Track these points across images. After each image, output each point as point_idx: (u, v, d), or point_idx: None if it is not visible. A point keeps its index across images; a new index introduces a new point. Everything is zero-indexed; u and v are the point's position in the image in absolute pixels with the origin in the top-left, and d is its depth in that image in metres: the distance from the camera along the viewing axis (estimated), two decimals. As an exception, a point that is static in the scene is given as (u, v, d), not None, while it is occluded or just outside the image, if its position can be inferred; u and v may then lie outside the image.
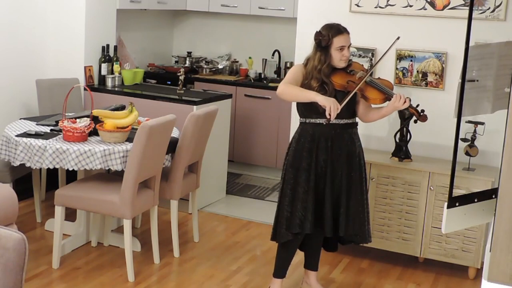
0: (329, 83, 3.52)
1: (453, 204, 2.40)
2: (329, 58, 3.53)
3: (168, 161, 4.31)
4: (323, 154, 3.56)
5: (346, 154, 3.59)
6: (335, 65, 3.56)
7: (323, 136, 3.56)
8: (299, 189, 3.56)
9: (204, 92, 5.60)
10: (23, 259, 2.21)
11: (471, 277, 4.25)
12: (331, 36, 3.51)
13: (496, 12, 4.17)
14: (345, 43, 3.54)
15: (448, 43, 4.35)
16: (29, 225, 4.73)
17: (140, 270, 4.12)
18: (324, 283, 4.07)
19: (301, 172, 3.56)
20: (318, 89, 3.50)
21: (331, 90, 3.52)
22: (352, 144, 3.62)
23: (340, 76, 3.56)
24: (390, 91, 3.59)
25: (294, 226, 3.57)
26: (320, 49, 3.54)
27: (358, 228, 3.63)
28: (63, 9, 5.39)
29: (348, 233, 3.63)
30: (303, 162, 3.56)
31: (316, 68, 3.52)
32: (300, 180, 3.56)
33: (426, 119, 3.73)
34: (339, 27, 3.56)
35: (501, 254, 1.95)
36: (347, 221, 3.59)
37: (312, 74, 3.53)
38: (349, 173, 3.60)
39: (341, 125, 3.58)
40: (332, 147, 3.56)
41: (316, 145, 3.56)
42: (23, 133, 4.12)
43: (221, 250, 4.56)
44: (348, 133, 3.62)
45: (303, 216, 3.55)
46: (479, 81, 2.77)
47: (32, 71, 5.32)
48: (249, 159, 6.33)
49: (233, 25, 6.85)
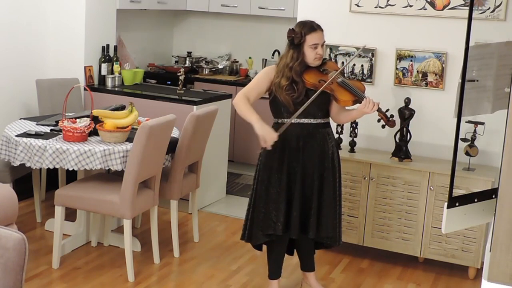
0: (300, 82, 3.47)
1: (453, 204, 2.40)
2: (302, 56, 3.49)
3: (168, 161, 4.31)
4: (294, 154, 3.52)
5: (319, 154, 3.54)
6: (309, 63, 3.51)
7: (295, 136, 3.51)
8: (271, 190, 3.53)
9: (204, 92, 5.60)
10: (23, 259, 2.21)
11: (471, 277, 4.25)
12: (304, 34, 3.46)
13: (496, 12, 4.17)
14: (319, 41, 3.49)
15: (448, 43, 4.35)
16: (29, 225, 4.74)
17: (140, 270, 4.12)
18: (324, 283, 4.07)
19: (273, 173, 3.53)
20: (287, 88, 3.45)
21: (301, 89, 3.47)
22: (325, 144, 3.56)
23: (313, 74, 3.51)
24: (361, 94, 3.51)
25: (267, 227, 3.53)
26: (293, 47, 3.49)
27: (331, 231, 3.57)
28: (63, 9, 5.39)
29: (320, 236, 3.58)
30: (275, 162, 3.53)
31: (287, 65, 3.47)
32: (272, 180, 3.53)
33: (394, 125, 3.69)
34: (312, 24, 3.50)
35: (501, 254, 1.95)
36: (318, 223, 3.54)
37: (283, 72, 3.48)
38: (321, 173, 3.54)
39: (314, 125, 3.53)
40: (304, 147, 3.52)
41: (288, 145, 3.51)
42: (23, 133, 4.12)
43: (221, 250, 4.56)
44: (321, 133, 3.56)
45: (275, 217, 3.51)
46: (479, 81, 2.77)
47: (32, 71, 5.32)
48: (249, 159, 6.32)
49: (233, 25, 6.86)
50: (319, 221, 3.55)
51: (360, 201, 4.36)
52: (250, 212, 3.65)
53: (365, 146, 4.65)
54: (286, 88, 3.46)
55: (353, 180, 4.36)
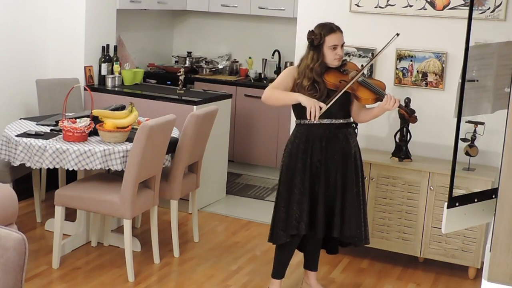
0: (321, 82, 3.51)
1: (453, 204, 2.40)
2: (322, 57, 3.52)
3: (168, 161, 4.31)
4: (317, 154, 3.54)
5: (341, 154, 3.57)
6: (328, 64, 3.55)
7: (318, 136, 3.55)
8: (295, 190, 3.55)
9: (204, 92, 5.60)
10: (23, 259, 2.21)
11: (471, 277, 4.25)
12: (323, 35, 3.50)
13: (496, 12, 4.17)
14: (338, 42, 3.53)
15: (448, 43, 4.35)
16: (29, 225, 4.73)
17: (140, 270, 4.12)
18: (324, 283, 4.07)
19: (297, 173, 3.55)
20: (309, 88, 3.49)
21: (323, 89, 3.51)
22: (347, 144, 3.59)
23: (333, 75, 3.55)
24: (382, 92, 3.56)
25: (291, 228, 3.56)
26: (312, 48, 3.53)
27: (355, 230, 3.60)
28: (63, 9, 5.39)
29: (344, 235, 3.60)
30: (298, 163, 3.55)
31: (308, 67, 3.52)
32: (296, 181, 3.55)
33: (416, 121, 3.74)
34: (332, 26, 3.54)
35: (501, 254, 1.95)
36: (342, 222, 3.57)
37: (305, 73, 3.52)
38: (344, 173, 3.57)
39: (336, 125, 3.57)
40: (326, 148, 3.55)
41: (311, 146, 3.55)
42: (23, 133, 4.12)
43: (221, 250, 4.56)
44: (343, 133, 3.59)
45: (299, 217, 3.53)
46: (479, 81, 2.77)
47: (32, 71, 5.32)
48: (249, 159, 6.33)
49: (233, 25, 6.85)
50: (343, 220, 3.57)
51: (360, 201, 4.36)
52: (273, 213, 3.68)
53: (365, 146, 4.65)
54: (308, 88, 3.50)
55: (353, 180, 4.36)
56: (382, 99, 3.52)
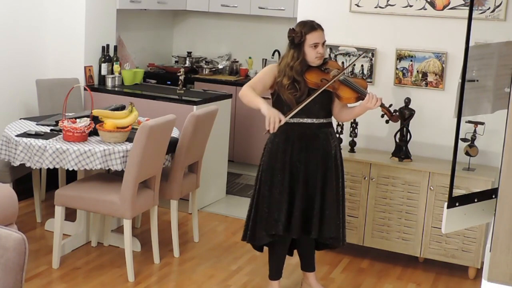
0: (301, 81, 3.47)
1: (453, 204, 2.40)
2: (303, 55, 3.49)
3: (168, 161, 4.31)
4: (297, 154, 3.51)
5: (322, 154, 3.53)
6: (310, 62, 3.52)
7: (297, 136, 3.52)
8: (274, 190, 3.52)
9: (204, 92, 5.60)
10: (23, 259, 2.21)
11: (471, 277, 4.25)
12: (304, 33, 3.46)
13: (496, 12, 4.17)
14: (319, 40, 3.50)
15: (448, 43, 4.35)
16: (29, 225, 4.74)
17: (140, 270, 4.12)
18: (324, 283, 4.07)
19: (276, 173, 3.53)
20: (289, 87, 3.46)
21: (303, 88, 3.47)
22: (327, 144, 3.56)
23: (315, 73, 3.52)
24: (363, 91, 3.53)
25: (271, 227, 3.53)
26: (293, 47, 3.50)
27: (335, 231, 3.56)
28: (63, 9, 5.39)
29: (323, 236, 3.56)
30: (278, 162, 3.53)
31: (288, 65, 3.48)
32: (275, 180, 3.52)
33: (398, 119, 3.75)
34: (313, 24, 3.51)
35: (501, 254, 1.95)
36: (321, 223, 3.53)
37: (285, 72, 3.48)
38: (324, 173, 3.54)
39: (317, 125, 3.53)
40: (307, 147, 3.52)
41: (291, 145, 3.52)
42: (23, 133, 4.12)
43: (221, 250, 4.56)
44: (324, 132, 3.56)
45: (277, 217, 3.50)
46: (479, 81, 2.77)
47: (32, 71, 5.32)
48: (249, 159, 6.32)
49: (233, 25, 6.85)
50: (321, 221, 3.54)
51: (360, 201, 4.36)
52: (252, 213, 3.64)
53: (365, 146, 4.65)
54: (288, 87, 3.46)
55: (353, 180, 4.36)
56: (363, 98, 3.49)
